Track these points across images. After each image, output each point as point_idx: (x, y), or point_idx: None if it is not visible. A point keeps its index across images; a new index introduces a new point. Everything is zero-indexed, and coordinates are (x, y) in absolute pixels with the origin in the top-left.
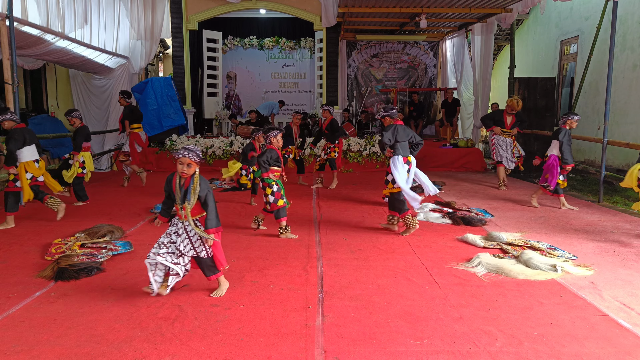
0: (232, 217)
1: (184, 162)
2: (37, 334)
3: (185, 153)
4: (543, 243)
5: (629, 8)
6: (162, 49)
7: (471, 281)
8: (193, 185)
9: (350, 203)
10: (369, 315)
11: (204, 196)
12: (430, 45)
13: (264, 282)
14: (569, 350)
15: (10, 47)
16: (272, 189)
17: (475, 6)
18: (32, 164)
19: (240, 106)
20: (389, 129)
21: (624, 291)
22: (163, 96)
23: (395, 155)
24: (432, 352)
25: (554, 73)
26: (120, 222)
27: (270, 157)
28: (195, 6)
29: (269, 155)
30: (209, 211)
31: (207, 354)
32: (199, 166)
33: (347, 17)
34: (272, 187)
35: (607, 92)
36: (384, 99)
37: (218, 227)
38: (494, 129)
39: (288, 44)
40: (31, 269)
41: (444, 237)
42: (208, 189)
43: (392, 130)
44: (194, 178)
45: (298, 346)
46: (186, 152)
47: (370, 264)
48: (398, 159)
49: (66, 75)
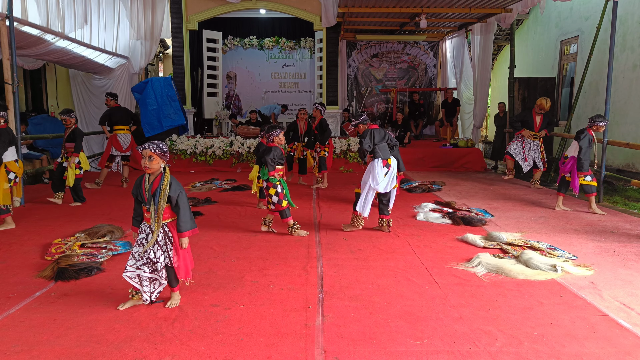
0: (232, 217)
1: (145, 155)
2: (37, 334)
3: (146, 145)
4: (543, 243)
5: (629, 8)
6: (162, 49)
7: (471, 281)
8: (162, 185)
9: (350, 203)
10: (369, 315)
11: (175, 197)
12: (430, 45)
13: (264, 282)
14: (569, 350)
15: (10, 47)
16: (276, 189)
17: (475, 6)
18: (14, 164)
19: (240, 106)
20: (366, 135)
21: (624, 291)
22: (163, 96)
23: (375, 159)
24: (432, 352)
25: (554, 73)
26: (120, 222)
27: (277, 155)
28: (195, 6)
29: (275, 153)
30: (181, 213)
31: (207, 354)
32: (165, 162)
33: (347, 17)
34: (276, 187)
35: (607, 92)
36: (384, 99)
37: (193, 230)
38: (522, 132)
39: (288, 44)
40: (31, 269)
41: (444, 237)
42: (180, 190)
43: (369, 135)
44: (164, 178)
45: (298, 346)
46: (148, 144)
47: (370, 264)
48: (377, 162)
49: (66, 75)
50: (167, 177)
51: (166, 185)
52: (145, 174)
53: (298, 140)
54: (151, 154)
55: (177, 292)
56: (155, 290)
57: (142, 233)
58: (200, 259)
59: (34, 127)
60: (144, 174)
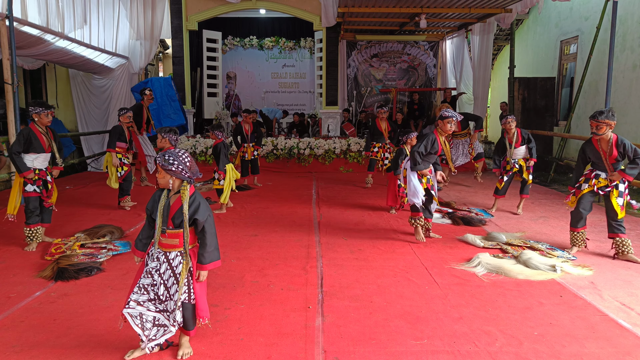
0: (232, 217)
1: (159, 169)
2: (37, 334)
3: (158, 159)
4: (543, 243)
5: (629, 8)
6: (162, 49)
7: (471, 281)
8: (184, 204)
9: (350, 203)
10: (369, 315)
11: (202, 221)
12: (430, 45)
13: (264, 282)
14: (569, 350)
15: (10, 47)
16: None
17: (475, 6)
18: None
19: (240, 106)
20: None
21: (623, 291)
22: (163, 96)
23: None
24: (432, 352)
25: (553, 73)
26: (120, 222)
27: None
28: (195, 6)
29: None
30: (207, 242)
31: (207, 354)
32: (184, 179)
33: (347, 17)
34: None
35: (607, 92)
36: (384, 99)
37: (217, 262)
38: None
39: (288, 44)
40: (31, 269)
41: (444, 237)
42: (209, 212)
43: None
44: (183, 195)
45: (298, 346)
46: (158, 155)
47: (370, 264)
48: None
49: (66, 75)
50: (186, 196)
51: (185, 202)
52: (164, 189)
53: (245, 142)
54: (158, 166)
55: (188, 338)
56: (157, 337)
57: (153, 261)
58: None
59: None
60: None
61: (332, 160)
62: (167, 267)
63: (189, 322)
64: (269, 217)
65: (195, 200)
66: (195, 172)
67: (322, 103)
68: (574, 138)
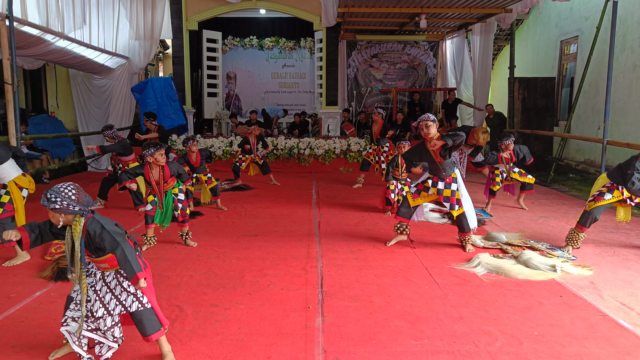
0: (232, 217)
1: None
2: (37, 334)
3: (41, 200)
4: (543, 243)
5: (629, 8)
6: (162, 49)
7: (471, 281)
8: (75, 242)
9: (350, 203)
10: (369, 315)
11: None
12: (430, 46)
13: (264, 282)
14: (569, 350)
15: (10, 47)
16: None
17: (475, 6)
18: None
19: (240, 106)
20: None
21: (624, 291)
22: (163, 96)
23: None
24: (432, 352)
25: (553, 73)
26: (120, 222)
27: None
28: (195, 6)
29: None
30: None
31: (207, 354)
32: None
33: (347, 17)
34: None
35: (607, 92)
36: (384, 99)
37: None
38: None
39: (288, 44)
40: (31, 269)
41: (444, 237)
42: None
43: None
44: (74, 232)
45: (298, 346)
46: (42, 198)
47: (370, 264)
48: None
49: (66, 75)
50: (77, 233)
51: (76, 241)
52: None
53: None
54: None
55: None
56: (103, 353)
57: (90, 277)
58: (200, 259)
59: (34, 127)
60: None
61: (332, 160)
62: (102, 284)
63: (147, 327)
64: (269, 217)
65: (96, 229)
66: (86, 202)
67: (322, 103)
68: (574, 138)
